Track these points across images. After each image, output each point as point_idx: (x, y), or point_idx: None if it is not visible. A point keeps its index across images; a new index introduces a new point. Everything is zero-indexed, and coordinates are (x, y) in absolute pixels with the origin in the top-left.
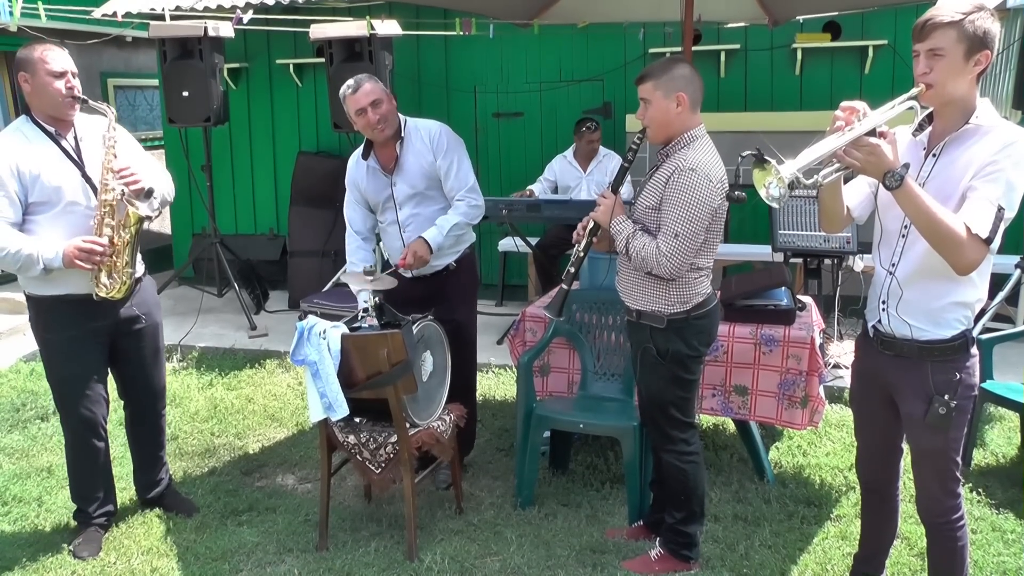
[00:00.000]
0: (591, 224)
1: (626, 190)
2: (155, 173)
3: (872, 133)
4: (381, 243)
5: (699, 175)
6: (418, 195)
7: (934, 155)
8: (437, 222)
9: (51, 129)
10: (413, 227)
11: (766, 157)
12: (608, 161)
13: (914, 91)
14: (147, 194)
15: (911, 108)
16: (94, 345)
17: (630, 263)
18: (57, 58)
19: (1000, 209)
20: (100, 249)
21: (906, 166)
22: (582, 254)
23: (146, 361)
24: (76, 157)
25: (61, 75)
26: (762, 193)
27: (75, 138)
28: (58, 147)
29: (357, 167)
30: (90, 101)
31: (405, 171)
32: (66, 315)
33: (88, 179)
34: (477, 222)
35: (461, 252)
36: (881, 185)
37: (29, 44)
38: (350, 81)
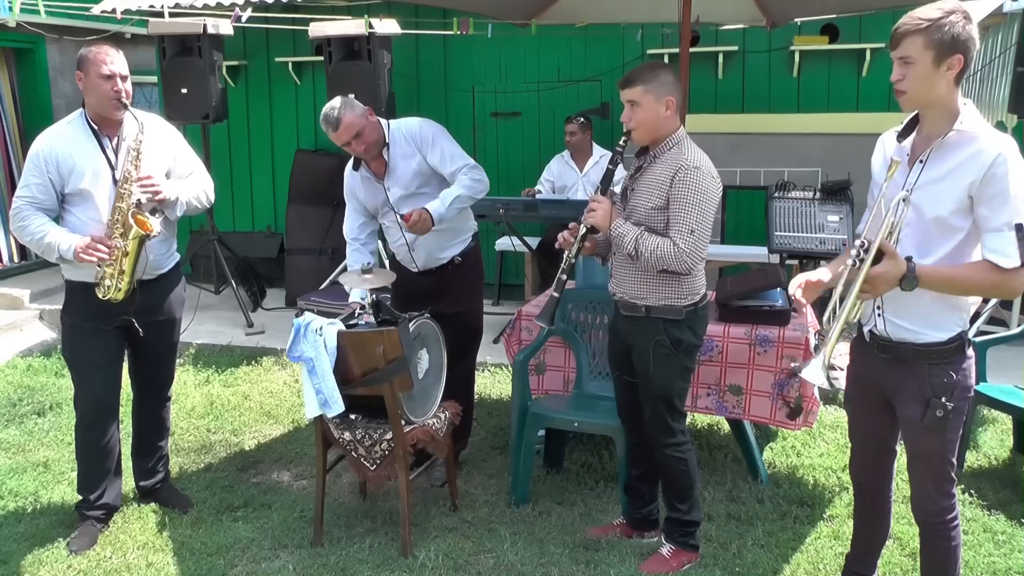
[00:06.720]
0: (584, 229)
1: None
2: (190, 179)
3: (876, 256)
4: (386, 241)
5: (703, 172)
6: (412, 195)
7: (921, 161)
8: (440, 195)
9: (96, 127)
10: None
11: (797, 374)
12: (606, 163)
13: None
14: (170, 205)
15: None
16: (109, 331)
17: (637, 263)
18: (108, 61)
19: (1019, 228)
20: (104, 251)
21: (909, 259)
22: (573, 259)
23: (157, 352)
24: (112, 159)
25: (109, 78)
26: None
27: (118, 140)
28: (98, 146)
29: (351, 178)
30: (130, 108)
31: (396, 175)
32: (86, 300)
33: (117, 182)
34: (483, 195)
35: (466, 245)
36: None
37: (93, 44)
38: (327, 111)
